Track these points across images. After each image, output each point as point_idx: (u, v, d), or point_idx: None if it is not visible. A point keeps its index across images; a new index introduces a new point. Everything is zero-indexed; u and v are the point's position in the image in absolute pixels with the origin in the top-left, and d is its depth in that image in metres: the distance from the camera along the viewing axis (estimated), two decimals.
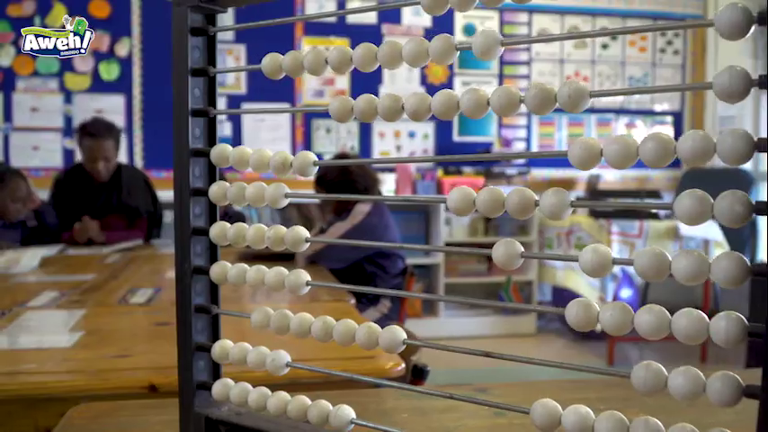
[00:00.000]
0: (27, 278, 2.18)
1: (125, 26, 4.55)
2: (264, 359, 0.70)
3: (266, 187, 0.68)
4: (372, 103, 0.61)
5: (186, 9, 0.70)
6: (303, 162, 0.66)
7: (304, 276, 0.69)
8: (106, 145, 3.29)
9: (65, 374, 1.05)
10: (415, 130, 5.01)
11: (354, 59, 0.60)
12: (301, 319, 0.68)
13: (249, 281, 0.70)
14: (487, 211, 0.55)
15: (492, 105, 0.55)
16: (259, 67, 0.69)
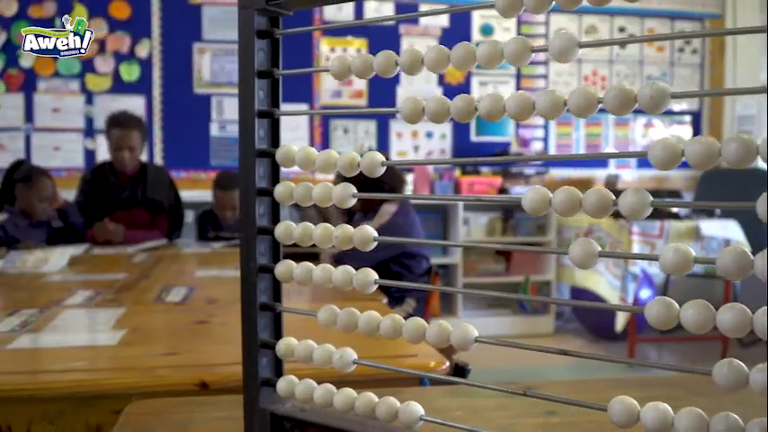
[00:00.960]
0: (57, 277, 2.20)
1: (145, 27, 4.59)
2: (331, 356, 0.71)
3: (333, 187, 0.69)
4: (445, 105, 0.62)
5: (253, 12, 0.71)
6: (371, 162, 0.67)
7: (372, 275, 0.70)
8: (132, 135, 3.35)
9: (115, 372, 1.07)
10: (432, 130, 5.02)
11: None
12: (369, 317, 0.69)
13: (315, 279, 0.71)
14: (564, 210, 0.56)
15: (569, 107, 0.56)
16: (327, 68, 0.70)
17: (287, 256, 2.23)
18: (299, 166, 0.72)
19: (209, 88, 4.71)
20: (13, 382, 1.02)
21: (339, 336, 0.74)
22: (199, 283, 2.02)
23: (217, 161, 4.72)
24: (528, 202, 0.57)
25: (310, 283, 0.72)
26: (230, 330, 1.36)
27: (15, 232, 2.90)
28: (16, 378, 1.03)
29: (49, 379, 1.02)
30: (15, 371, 1.07)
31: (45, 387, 1.00)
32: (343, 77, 0.70)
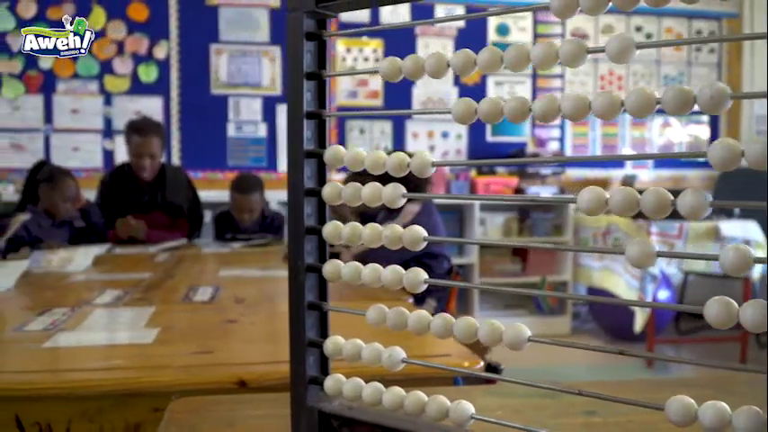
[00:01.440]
0: (83, 277, 2.22)
1: (163, 29, 4.61)
2: (380, 355, 0.72)
3: (383, 188, 0.70)
4: (498, 106, 0.63)
5: (302, 14, 0.72)
6: (421, 162, 0.68)
7: (422, 274, 0.71)
8: (153, 142, 3.36)
9: (153, 370, 1.08)
10: (448, 130, 5.02)
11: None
12: (419, 316, 0.70)
13: (364, 279, 0.72)
14: (621, 210, 0.56)
15: (627, 107, 0.56)
16: (376, 69, 0.71)
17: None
18: (348, 166, 0.73)
19: (226, 89, 4.73)
20: (53, 380, 1.03)
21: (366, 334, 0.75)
22: (223, 282, 2.04)
23: (233, 161, 4.74)
24: (585, 203, 0.57)
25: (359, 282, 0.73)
26: (261, 329, 1.38)
27: (38, 232, 2.92)
28: (56, 376, 1.04)
29: (88, 377, 1.03)
30: (54, 369, 1.08)
31: (85, 385, 1.01)
32: (393, 79, 0.71)
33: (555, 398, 0.98)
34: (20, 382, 1.02)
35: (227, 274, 2.23)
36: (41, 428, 1.01)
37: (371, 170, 0.72)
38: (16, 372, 1.06)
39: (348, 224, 0.73)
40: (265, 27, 4.75)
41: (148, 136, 3.37)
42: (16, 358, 1.15)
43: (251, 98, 4.74)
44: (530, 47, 0.61)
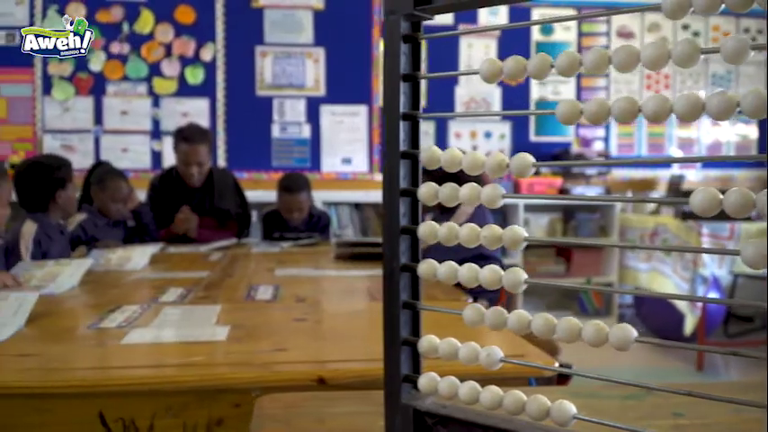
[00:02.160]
0: (143, 275, 2.26)
1: (209, 31, 4.68)
2: (477, 354, 0.73)
3: (481, 189, 0.70)
4: (605, 106, 0.63)
5: (399, 17, 0.73)
6: (521, 163, 0.68)
7: (521, 275, 0.71)
8: (200, 150, 3.41)
9: (234, 367, 1.10)
10: (491, 130, 5.01)
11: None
12: (519, 315, 0.70)
13: (461, 279, 0.73)
14: (735, 211, 0.56)
15: (743, 108, 0.56)
16: (476, 71, 0.71)
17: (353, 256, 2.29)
18: (445, 167, 0.74)
19: (271, 90, 4.77)
20: (137, 375, 1.05)
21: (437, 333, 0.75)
22: (281, 281, 2.06)
23: (278, 162, 4.79)
24: (698, 203, 0.57)
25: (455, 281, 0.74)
26: (330, 328, 1.39)
27: (94, 232, 2.99)
28: (140, 372, 1.07)
29: (172, 373, 1.05)
30: (137, 365, 1.11)
31: (170, 381, 1.04)
32: (493, 80, 0.72)
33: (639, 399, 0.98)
34: (104, 378, 1.04)
35: (282, 273, 2.26)
36: (125, 424, 1.04)
37: (469, 171, 0.73)
38: (100, 368, 1.09)
39: (444, 224, 0.74)
40: (309, 28, 4.78)
41: (196, 144, 3.41)
42: (97, 355, 1.18)
43: (295, 99, 4.78)
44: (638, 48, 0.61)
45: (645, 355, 4.14)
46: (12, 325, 1.34)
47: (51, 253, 2.44)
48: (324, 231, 3.72)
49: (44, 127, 4.62)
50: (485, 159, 0.71)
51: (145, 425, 1.04)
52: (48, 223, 2.49)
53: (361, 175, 4.91)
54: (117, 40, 4.60)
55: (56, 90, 4.59)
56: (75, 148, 4.61)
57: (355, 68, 4.85)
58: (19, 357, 1.15)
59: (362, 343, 1.25)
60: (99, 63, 4.60)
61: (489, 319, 0.73)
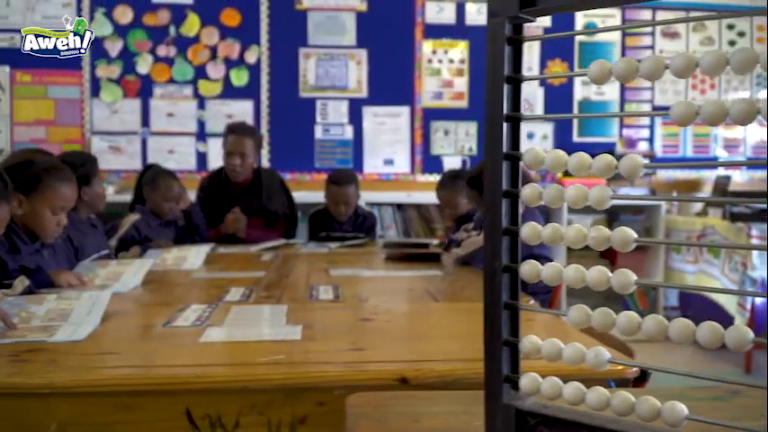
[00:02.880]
0: (201, 275, 2.29)
1: (254, 34, 4.73)
2: (584, 355, 0.73)
3: (588, 190, 0.71)
4: (723, 108, 0.63)
5: (504, 20, 0.74)
6: (632, 165, 0.68)
7: (631, 276, 0.71)
8: (245, 142, 3.47)
9: (316, 365, 1.11)
10: (533, 130, 4.98)
11: (702, 65, 0.61)
12: (628, 317, 0.70)
13: (566, 280, 0.73)
14: None
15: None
16: (584, 72, 0.71)
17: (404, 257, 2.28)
18: (549, 168, 0.74)
19: (314, 92, 4.81)
20: (224, 373, 1.07)
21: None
22: (338, 281, 2.08)
23: (320, 163, 4.81)
24: None
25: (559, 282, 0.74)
26: (402, 328, 1.40)
27: (148, 232, 3.04)
28: (226, 370, 1.09)
29: (258, 371, 1.07)
30: (221, 363, 1.13)
31: (256, 379, 1.06)
32: (602, 82, 0.72)
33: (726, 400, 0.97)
34: (192, 375, 1.06)
35: (337, 273, 2.27)
36: (212, 421, 1.06)
37: (575, 172, 0.73)
38: (186, 366, 1.11)
39: (548, 225, 0.74)
40: (352, 30, 4.80)
41: (242, 136, 3.48)
42: (179, 353, 1.20)
43: (338, 101, 4.81)
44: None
45: (689, 358, 4.09)
46: (88, 324, 1.37)
47: (87, 248, 2.47)
48: (370, 232, 3.74)
49: (92, 128, 4.71)
50: (591, 161, 0.71)
51: (231, 422, 1.06)
52: (78, 219, 2.52)
53: (403, 176, 4.92)
54: (164, 43, 4.67)
55: (104, 92, 4.68)
56: (123, 149, 4.69)
57: (397, 70, 4.86)
58: (101, 356, 1.18)
59: (440, 344, 1.26)
60: (146, 66, 4.68)
61: (596, 319, 0.73)
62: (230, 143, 3.49)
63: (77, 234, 2.36)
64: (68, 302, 1.52)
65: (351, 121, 4.84)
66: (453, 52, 4.90)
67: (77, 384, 1.03)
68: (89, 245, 2.42)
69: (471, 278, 2.20)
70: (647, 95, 5.05)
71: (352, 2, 4.79)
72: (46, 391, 1.03)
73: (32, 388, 1.03)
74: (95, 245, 2.49)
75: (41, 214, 1.93)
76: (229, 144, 3.50)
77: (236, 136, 3.49)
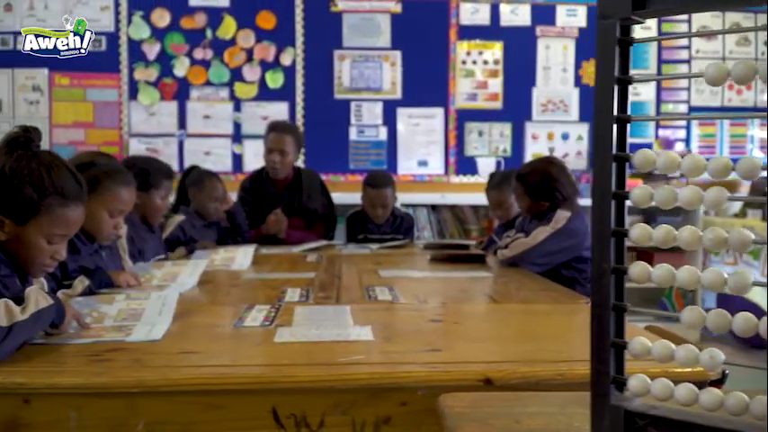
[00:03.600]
0: (253, 275, 2.31)
1: (289, 36, 4.75)
2: (696, 357, 0.73)
3: (703, 192, 0.70)
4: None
5: (615, 22, 0.74)
6: (750, 166, 0.68)
7: (748, 278, 0.71)
8: (285, 139, 3.50)
9: (398, 366, 1.12)
10: (568, 131, 4.96)
11: None
12: (745, 318, 0.70)
13: (679, 281, 0.73)
14: None
15: None
16: (700, 74, 0.71)
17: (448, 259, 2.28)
18: (661, 170, 0.74)
19: (349, 94, 4.82)
20: (310, 373, 1.08)
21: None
22: (391, 282, 2.08)
23: (355, 164, 4.83)
24: None
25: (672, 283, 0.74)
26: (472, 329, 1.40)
27: (192, 232, 3.07)
28: (311, 370, 1.10)
29: (342, 371, 1.08)
30: (303, 363, 1.14)
31: (342, 379, 1.06)
32: (719, 83, 0.71)
33: None
34: (279, 375, 1.07)
35: (387, 274, 2.28)
36: (297, 420, 1.07)
37: (689, 174, 0.73)
38: (271, 365, 1.12)
39: (660, 227, 0.74)
40: (387, 32, 4.82)
41: (282, 133, 3.52)
42: (260, 353, 1.21)
43: (372, 102, 4.82)
44: None
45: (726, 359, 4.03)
46: (161, 323, 1.39)
47: (146, 251, 2.51)
48: (408, 233, 3.74)
49: (130, 131, 4.76)
50: (706, 162, 0.71)
51: (315, 421, 1.07)
52: (137, 222, 2.55)
53: (437, 178, 4.92)
54: (200, 45, 4.72)
55: (141, 95, 4.73)
56: (160, 151, 4.73)
57: (432, 71, 4.86)
58: (183, 355, 1.20)
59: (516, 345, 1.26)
60: (183, 68, 4.72)
61: (711, 321, 0.73)
62: (271, 140, 3.53)
63: (139, 239, 2.40)
64: (138, 302, 1.54)
65: (385, 123, 4.85)
66: (488, 53, 4.90)
67: (167, 383, 1.05)
68: (149, 250, 2.45)
69: (522, 279, 2.20)
70: (683, 96, 5.01)
71: (386, 3, 4.80)
72: (134, 390, 1.04)
73: (122, 387, 1.05)
74: (154, 249, 2.52)
75: (99, 216, 1.95)
76: (270, 141, 3.54)
77: (277, 133, 3.53)
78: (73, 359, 1.15)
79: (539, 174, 2.62)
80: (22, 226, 1.31)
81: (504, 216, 3.33)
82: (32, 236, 1.32)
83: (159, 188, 2.62)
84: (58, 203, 1.34)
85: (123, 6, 4.72)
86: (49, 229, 1.34)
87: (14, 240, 1.32)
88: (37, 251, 1.34)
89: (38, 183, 1.31)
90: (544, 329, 1.45)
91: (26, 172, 1.30)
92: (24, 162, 1.31)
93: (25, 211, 1.31)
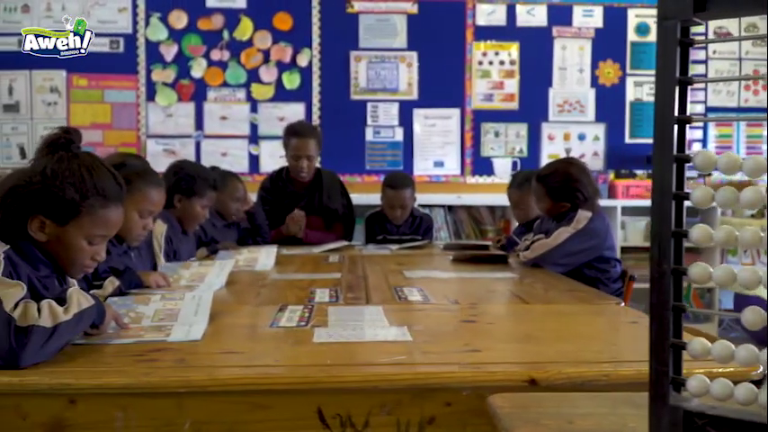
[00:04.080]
0: (278, 275, 2.32)
1: (306, 37, 4.77)
2: (756, 356, 0.73)
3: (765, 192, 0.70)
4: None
5: (676, 23, 0.74)
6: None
7: None
8: (310, 144, 3.49)
9: (441, 366, 1.12)
10: (584, 132, 4.95)
11: None
12: None
13: (741, 281, 0.73)
14: None
15: None
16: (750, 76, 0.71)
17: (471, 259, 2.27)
18: (723, 171, 0.74)
19: (365, 95, 4.83)
20: (354, 373, 1.09)
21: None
22: (417, 283, 2.09)
23: (371, 165, 4.84)
24: None
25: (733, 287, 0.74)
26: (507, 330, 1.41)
27: (213, 232, 3.08)
28: (355, 370, 1.10)
29: (387, 371, 1.08)
30: (345, 363, 1.14)
31: (387, 379, 1.07)
32: None
33: None
34: (325, 375, 1.08)
35: (412, 275, 2.28)
36: (342, 420, 1.07)
37: (751, 175, 0.73)
38: (312, 365, 1.12)
39: (721, 227, 0.74)
40: (403, 33, 4.82)
41: (306, 138, 3.49)
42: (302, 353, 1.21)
43: (388, 103, 4.83)
44: None
45: None
46: (199, 324, 1.39)
47: (181, 252, 2.53)
48: (427, 233, 3.74)
49: (147, 132, 4.78)
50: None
51: (360, 421, 1.07)
52: (176, 224, 2.58)
53: (453, 178, 4.92)
54: (217, 47, 4.73)
55: (159, 96, 4.75)
56: (177, 152, 4.75)
57: (448, 72, 4.86)
58: (226, 355, 1.20)
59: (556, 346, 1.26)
60: (200, 70, 4.74)
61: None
62: (296, 146, 3.50)
63: (176, 239, 2.42)
64: (174, 303, 1.55)
65: (401, 124, 4.86)
66: (504, 54, 4.89)
67: (214, 383, 1.05)
68: (184, 251, 2.47)
69: (548, 280, 2.20)
70: (700, 96, 5.00)
71: (402, 4, 4.81)
72: (182, 390, 1.05)
73: (169, 387, 1.05)
74: (188, 251, 2.54)
75: (129, 217, 1.96)
76: (295, 147, 3.50)
77: (301, 139, 3.49)
78: (117, 359, 1.16)
79: (560, 175, 2.62)
80: (63, 227, 1.32)
81: (523, 216, 3.33)
82: (73, 237, 1.33)
83: (202, 197, 2.66)
84: (100, 204, 1.35)
85: (141, 8, 4.75)
86: (90, 229, 1.35)
87: (55, 241, 1.33)
88: (78, 252, 1.35)
89: (80, 184, 1.32)
90: (581, 330, 1.45)
91: (68, 173, 1.31)
92: (66, 163, 1.32)
93: (67, 213, 1.31)
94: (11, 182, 1.31)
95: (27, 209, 1.29)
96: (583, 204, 2.58)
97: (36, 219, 1.30)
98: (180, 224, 2.65)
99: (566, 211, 2.61)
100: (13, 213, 1.28)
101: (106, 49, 4.76)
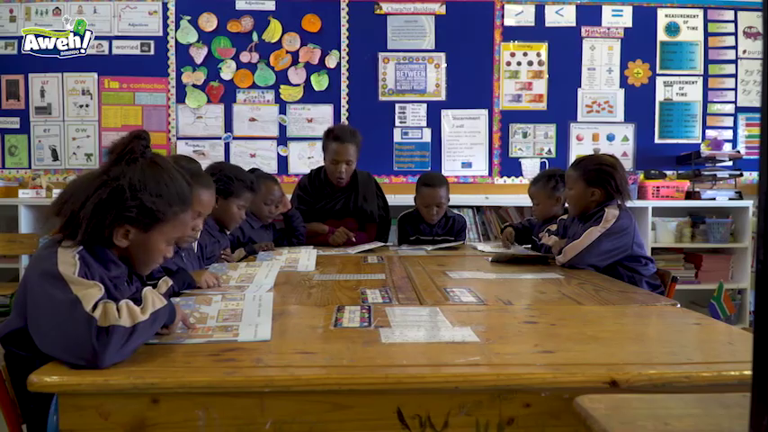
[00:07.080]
0: (323, 276, 2.32)
1: (334, 39, 4.79)
2: None
3: None
4: None
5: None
6: None
7: None
8: (350, 149, 3.48)
9: (518, 367, 1.12)
10: (614, 132, 4.93)
11: None
12: None
13: None
14: None
15: None
16: None
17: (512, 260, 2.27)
18: None
19: (393, 96, 4.84)
20: (434, 374, 1.09)
21: None
22: (464, 283, 2.09)
23: (399, 166, 4.85)
24: None
25: None
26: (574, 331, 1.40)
27: (251, 233, 3.10)
28: (434, 371, 1.10)
29: (466, 372, 1.09)
30: (421, 363, 1.15)
31: (467, 380, 1.07)
32: None
33: None
34: (406, 375, 1.08)
35: (456, 276, 2.29)
36: (422, 421, 1.08)
37: None
38: (389, 366, 1.13)
39: None
40: (431, 34, 4.83)
41: (346, 143, 3.49)
42: (373, 353, 1.22)
43: (417, 104, 4.84)
44: None
45: None
46: (264, 324, 1.41)
47: (215, 252, 2.55)
48: (460, 234, 3.74)
49: (177, 134, 4.82)
50: None
51: (440, 422, 1.08)
52: (210, 223, 2.59)
53: (481, 179, 4.92)
54: (247, 49, 4.76)
55: (189, 98, 4.79)
56: (207, 153, 4.78)
57: (476, 73, 4.86)
58: (301, 355, 1.21)
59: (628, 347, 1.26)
60: (229, 72, 4.77)
61: None
62: (336, 151, 3.49)
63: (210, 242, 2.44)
64: (235, 303, 1.56)
65: (429, 125, 4.87)
66: (532, 54, 4.89)
67: (296, 383, 1.06)
68: (217, 250, 2.49)
69: (595, 281, 2.20)
70: (730, 96, 4.96)
71: (430, 5, 4.82)
72: (265, 390, 1.06)
73: (252, 386, 1.06)
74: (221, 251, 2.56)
75: None
76: (335, 152, 3.50)
77: (341, 144, 3.48)
78: (195, 359, 1.17)
79: (595, 160, 2.64)
80: (146, 233, 1.35)
81: (539, 212, 3.37)
82: (156, 241, 1.37)
83: (239, 197, 2.68)
84: (181, 210, 1.39)
85: (171, 11, 4.78)
86: (171, 233, 1.38)
87: (135, 245, 1.35)
88: (157, 253, 1.38)
89: (165, 193, 1.35)
90: (645, 331, 1.45)
91: (153, 184, 1.34)
92: (149, 171, 1.34)
93: (153, 221, 1.34)
94: (88, 191, 1.31)
95: (114, 220, 1.31)
96: (614, 194, 2.59)
97: (122, 228, 1.32)
98: (216, 224, 2.68)
99: (593, 211, 2.61)
100: (98, 225, 1.30)
101: (137, 52, 4.80)
